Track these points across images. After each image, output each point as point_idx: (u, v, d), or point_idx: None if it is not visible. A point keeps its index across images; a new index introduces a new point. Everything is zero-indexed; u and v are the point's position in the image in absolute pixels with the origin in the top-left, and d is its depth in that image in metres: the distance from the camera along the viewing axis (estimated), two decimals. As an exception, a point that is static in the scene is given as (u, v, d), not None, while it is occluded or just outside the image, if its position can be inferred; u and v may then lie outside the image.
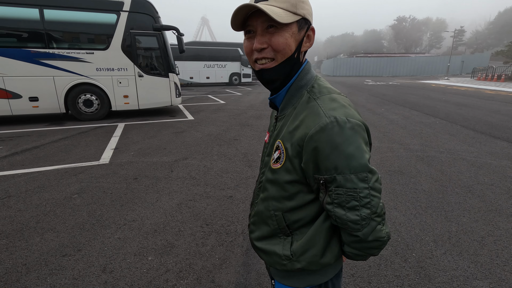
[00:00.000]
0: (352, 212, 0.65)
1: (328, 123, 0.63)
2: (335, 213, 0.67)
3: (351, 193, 0.64)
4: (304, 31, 0.72)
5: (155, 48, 7.57)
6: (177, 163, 4.10)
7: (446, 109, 8.95)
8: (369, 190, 0.64)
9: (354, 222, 0.65)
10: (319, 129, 0.64)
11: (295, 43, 0.71)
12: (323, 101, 0.69)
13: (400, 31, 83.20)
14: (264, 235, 0.82)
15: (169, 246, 2.22)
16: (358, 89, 16.91)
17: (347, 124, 0.64)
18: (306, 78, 0.76)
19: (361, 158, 0.63)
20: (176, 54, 8.43)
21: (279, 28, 0.68)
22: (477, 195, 3.04)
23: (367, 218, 0.65)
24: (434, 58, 44.98)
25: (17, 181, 3.44)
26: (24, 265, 2.00)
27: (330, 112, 0.65)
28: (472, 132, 5.81)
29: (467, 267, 1.97)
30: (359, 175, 0.63)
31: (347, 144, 0.63)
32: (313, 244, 0.74)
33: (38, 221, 2.56)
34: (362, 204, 0.64)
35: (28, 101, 6.70)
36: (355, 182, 0.63)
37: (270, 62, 0.71)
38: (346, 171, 0.63)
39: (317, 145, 0.64)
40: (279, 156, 0.74)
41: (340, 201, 0.65)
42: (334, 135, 0.63)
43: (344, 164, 0.63)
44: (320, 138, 0.64)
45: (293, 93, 0.76)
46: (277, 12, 0.65)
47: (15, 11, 6.33)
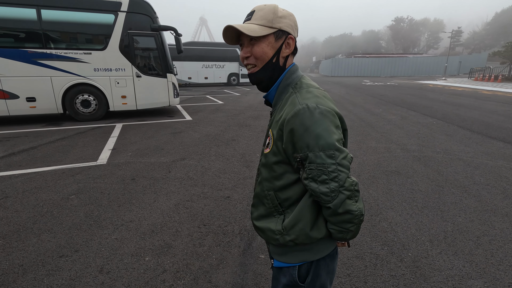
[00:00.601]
0: (323, 185, 0.74)
1: (301, 109, 0.77)
2: (310, 187, 0.76)
3: (320, 168, 0.74)
4: (282, 40, 0.87)
5: (153, 49, 7.56)
6: (175, 163, 4.10)
7: (443, 109, 9.00)
8: (336, 165, 0.74)
9: (325, 194, 0.74)
10: (293, 114, 0.77)
11: (272, 50, 0.87)
12: (300, 93, 0.83)
13: (398, 31, 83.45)
14: (261, 214, 0.93)
15: (166, 247, 2.22)
16: (356, 90, 16.96)
17: (316, 110, 0.76)
18: (292, 78, 0.90)
19: (328, 138, 0.74)
20: (174, 54, 8.42)
21: (258, 40, 0.86)
22: (473, 195, 3.06)
23: (336, 190, 0.74)
24: (431, 59, 45.18)
25: (14, 182, 3.43)
26: (21, 266, 2.00)
27: (303, 101, 0.78)
28: (469, 133, 5.84)
29: (462, 267, 1.98)
30: (327, 152, 0.74)
31: (316, 126, 0.74)
32: (301, 218, 0.83)
33: (35, 222, 2.56)
34: (331, 178, 0.74)
35: (25, 101, 6.68)
36: (323, 158, 0.73)
37: (253, 68, 0.89)
38: (315, 149, 0.74)
39: (292, 127, 0.77)
40: (269, 142, 0.88)
41: (313, 175, 0.75)
42: (305, 119, 0.75)
43: (314, 143, 0.74)
44: (295, 121, 0.76)
45: (282, 90, 0.90)
46: (252, 29, 0.83)
47: (12, 11, 6.31)
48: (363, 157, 4.33)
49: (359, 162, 4.10)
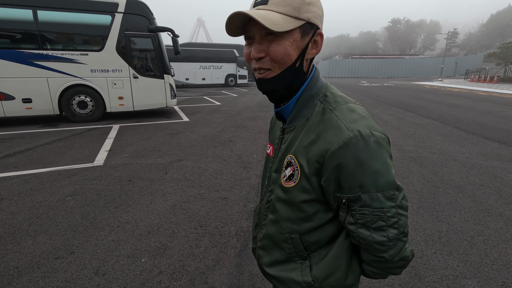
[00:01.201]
0: (378, 233, 0.61)
1: (352, 137, 0.58)
2: (359, 234, 0.62)
3: (377, 213, 0.60)
4: (310, 37, 0.65)
5: (150, 50, 7.55)
6: (172, 164, 4.09)
7: (439, 110, 9.06)
8: (397, 209, 0.60)
9: (380, 243, 0.61)
10: (343, 144, 0.59)
11: (296, 51, 0.64)
12: (341, 112, 0.64)
13: (394, 33, 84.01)
14: (277, 260, 0.75)
15: (162, 248, 2.22)
16: (353, 90, 17.03)
17: (371, 138, 0.59)
18: (317, 87, 0.70)
19: (388, 175, 0.59)
20: (172, 55, 8.43)
21: (278, 36, 0.62)
22: (468, 195, 3.09)
23: (395, 239, 0.61)
24: (428, 60, 45.50)
25: (10, 184, 3.41)
26: (16, 268, 1.99)
27: (352, 125, 0.60)
28: (464, 133, 5.89)
29: (456, 266, 2.00)
30: (386, 193, 0.59)
31: (373, 159, 0.58)
32: (337, 267, 0.70)
33: (31, 224, 2.55)
34: (389, 224, 0.60)
35: (21, 102, 6.65)
36: (382, 201, 0.59)
37: (267, 72, 0.66)
38: (372, 189, 0.59)
39: (340, 162, 0.59)
40: (292, 173, 0.68)
41: (365, 221, 0.61)
42: (359, 151, 0.58)
43: (370, 182, 0.58)
44: (344, 154, 0.58)
45: (304, 103, 0.70)
46: (273, 19, 0.59)
47: (8, 12, 6.28)
48: (359, 158, 4.34)
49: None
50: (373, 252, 0.64)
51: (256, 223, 0.86)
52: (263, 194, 0.82)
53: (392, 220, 0.60)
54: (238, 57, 20.85)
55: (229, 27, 0.64)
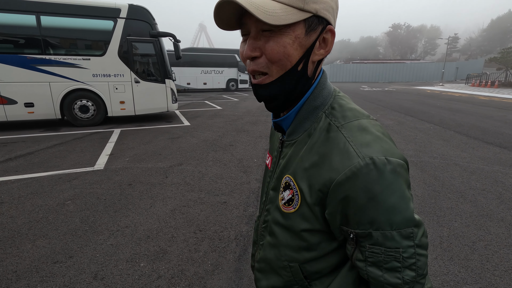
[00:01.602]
0: (392, 274, 0.51)
1: (363, 167, 0.48)
2: (369, 273, 0.53)
3: (391, 253, 0.50)
4: (317, 34, 0.54)
5: (152, 55, 7.61)
6: (172, 169, 4.10)
7: (440, 114, 9.05)
8: (415, 248, 0.50)
9: (393, 285, 0.51)
10: (351, 175, 0.49)
11: (299, 50, 0.53)
12: (350, 132, 0.53)
13: (395, 38, 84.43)
14: (275, 286, 0.68)
15: (161, 252, 2.22)
16: (354, 95, 17.06)
17: (387, 167, 0.48)
18: (322, 96, 0.59)
19: (406, 210, 0.49)
20: (173, 60, 8.48)
21: (276, 32, 0.51)
22: (469, 200, 3.07)
23: (411, 281, 0.51)
24: (429, 65, 45.61)
25: (10, 187, 3.42)
26: (14, 272, 1.99)
27: (364, 150, 0.49)
28: (465, 138, 5.88)
29: (457, 272, 1.98)
30: (403, 231, 0.49)
31: (388, 193, 0.48)
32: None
33: (30, 228, 2.54)
34: (406, 265, 0.50)
35: (23, 107, 6.69)
36: (398, 240, 0.49)
37: (263, 77, 0.55)
38: (386, 227, 0.49)
39: (347, 194, 0.50)
40: (292, 198, 0.59)
41: (376, 260, 0.51)
42: (371, 183, 0.48)
43: (384, 219, 0.49)
44: (353, 186, 0.49)
45: (306, 115, 0.59)
46: (269, 9, 0.48)
47: (12, 17, 6.36)
48: (360, 162, 4.34)
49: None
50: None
51: (255, 240, 0.79)
52: (260, 210, 0.74)
53: (410, 261, 0.50)
54: (239, 62, 20.96)
55: (218, 17, 0.52)
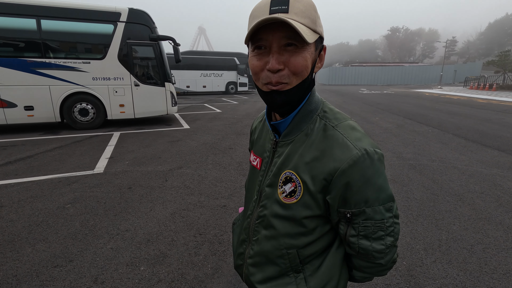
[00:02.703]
0: (378, 242, 0.65)
1: (360, 156, 0.61)
2: (360, 245, 0.66)
3: (378, 225, 0.64)
4: (319, 51, 0.66)
5: (152, 58, 7.64)
6: (172, 172, 4.11)
7: (439, 117, 9.10)
8: (393, 218, 0.65)
9: (379, 251, 0.66)
10: (352, 163, 0.61)
11: (311, 64, 0.63)
12: (344, 130, 0.65)
13: (393, 41, 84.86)
14: (270, 277, 0.75)
15: (161, 256, 2.22)
16: (353, 98, 17.12)
17: (375, 156, 0.62)
18: (315, 102, 0.70)
19: (387, 189, 0.64)
20: (173, 63, 8.52)
21: (300, 48, 0.60)
22: (468, 203, 3.08)
23: (391, 245, 0.66)
24: (427, 68, 45.83)
25: (10, 191, 3.42)
26: (14, 276, 1.99)
27: (358, 144, 0.62)
28: (464, 141, 5.91)
29: (456, 275, 1.99)
30: (386, 205, 0.64)
31: (377, 176, 0.62)
32: (331, 276, 0.72)
33: (30, 232, 2.55)
34: (387, 233, 0.65)
35: (23, 110, 6.70)
36: (383, 213, 0.63)
37: (283, 85, 0.63)
38: (375, 203, 0.63)
39: (349, 180, 0.61)
40: (294, 189, 0.67)
41: (367, 233, 0.65)
42: (366, 168, 0.61)
43: (375, 197, 0.62)
44: (353, 172, 0.61)
45: (302, 118, 0.69)
46: (303, 29, 0.57)
47: (12, 21, 6.39)
48: (359, 166, 4.35)
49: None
50: (370, 260, 0.68)
51: (243, 238, 0.82)
52: (252, 208, 0.79)
53: (390, 229, 0.65)
54: (238, 65, 21.04)
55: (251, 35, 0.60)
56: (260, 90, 0.67)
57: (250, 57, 0.65)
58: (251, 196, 0.81)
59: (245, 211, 0.85)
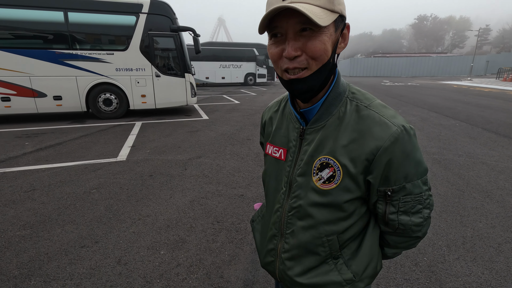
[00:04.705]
0: (416, 215, 0.66)
1: (400, 133, 0.61)
2: (400, 221, 0.67)
3: (418, 198, 0.65)
4: (340, 30, 0.62)
5: (172, 49, 7.74)
6: (191, 161, 4.19)
7: (467, 111, 8.63)
8: (428, 190, 0.67)
9: (418, 224, 0.67)
10: (394, 140, 0.61)
11: (332, 46, 0.61)
12: (378, 109, 0.65)
13: (420, 30, 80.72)
14: (310, 267, 0.73)
15: (180, 242, 2.29)
16: (375, 90, 16.57)
17: (411, 131, 0.63)
18: (343, 84, 0.69)
19: (424, 162, 0.65)
20: (192, 54, 8.59)
21: (316, 31, 0.57)
22: (496, 201, 2.93)
23: (428, 217, 0.68)
24: (456, 58, 43.37)
25: (41, 176, 3.63)
26: (46, 254, 2.13)
27: (395, 121, 0.62)
28: (494, 135, 5.58)
29: (481, 274, 1.92)
30: (423, 179, 0.65)
31: (415, 151, 0.63)
32: (372, 256, 0.73)
33: (60, 214, 2.70)
34: (424, 205, 0.66)
35: (52, 100, 7.04)
36: (421, 186, 0.65)
37: (303, 72, 0.60)
38: (414, 178, 0.64)
39: (391, 157, 0.61)
40: (333, 174, 0.65)
41: (407, 208, 0.66)
42: (406, 144, 0.62)
43: (414, 171, 0.63)
44: (395, 149, 0.61)
45: (331, 101, 0.67)
46: (316, 12, 0.55)
47: (41, 14, 6.66)
48: (379, 159, 4.24)
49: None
50: (407, 234, 0.69)
51: (273, 234, 0.79)
52: (281, 201, 0.76)
53: (427, 201, 0.67)
54: (257, 56, 20.89)
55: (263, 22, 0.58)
56: (280, 78, 0.65)
57: (268, 45, 0.64)
58: (277, 189, 0.77)
59: (270, 205, 0.81)
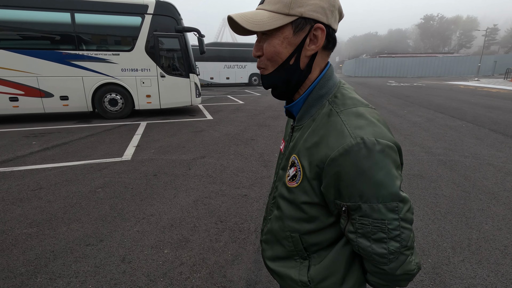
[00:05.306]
0: (378, 244, 0.58)
1: (354, 145, 0.55)
2: (359, 244, 0.61)
3: (378, 224, 0.57)
4: (306, 32, 0.61)
5: (177, 49, 7.79)
6: (195, 161, 4.21)
7: (474, 111, 8.52)
8: (400, 221, 0.57)
9: (380, 255, 0.59)
10: (343, 152, 0.56)
11: (289, 48, 0.62)
12: (347, 116, 0.60)
13: (427, 30, 79.94)
14: (278, 256, 0.76)
15: (184, 241, 2.31)
16: (380, 90, 16.46)
17: (376, 146, 0.55)
18: (328, 86, 0.67)
19: (392, 186, 0.55)
20: (197, 54, 8.63)
21: (268, 35, 0.63)
22: (503, 203, 2.89)
23: (396, 252, 0.58)
24: (463, 58, 42.82)
25: (48, 174, 3.68)
26: (52, 252, 2.16)
27: (356, 131, 0.56)
28: (502, 136, 5.50)
29: (486, 276, 1.89)
30: (388, 205, 0.56)
31: (376, 169, 0.55)
32: (333, 271, 0.68)
33: (66, 212, 2.74)
34: (391, 236, 0.57)
35: (59, 100, 7.13)
36: (383, 212, 0.56)
37: (262, 70, 0.68)
38: (373, 200, 0.56)
39: (339, 170, 0.56)
40: (295, 174, 0.67)
41: (365, 231, 0.59)
42: (360, 159, 0.55)
43: (371, 193, 0.55)
44: (344, 162, 0.56)
45: (312, 102, 0.67)
46: (256, 19, 0.60)
47: (49, 15, 6.76)
48: (384, 160, 4.21)
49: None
50: (373, 263, 0.62)
51: (264, 216, 0.87)
52: (271, 189, 0.84)
53: (394, 233, 0.57)
54: (262, 57, 20.88)
55: (232, 27, 0.64)
56: None
57: None
58: (274, 178, 0.85)
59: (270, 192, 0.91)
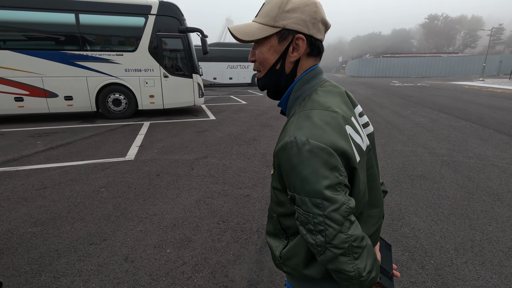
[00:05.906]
0: (310, 235, 0.63)
1: (288, 143, 0.63)
2: (300, 231, 0.67)
3: (306, 216, 0.62)
4: (289, 41, 0.71)
5: (180, 50, 7.81)
6: (198, 161, 4.22)
7: (479, 112, 8.45)
8: (324, 218, 0.60)
9: (311, 245, 0.64)
10: (281, 147, 0.64)
11: (275, 55, 0.73)
12: (299, 118, 0.67)
13: (431, 29, 79.41)
14: (270, 232, 0.85)
15: (186, 240, 2.32)
16: (383, 91, 16.39)
17: (305, 146, 0.60)
18: (303, 89, 0.75)
19: (316, 184, 0.60)
20: (200, 55, 8.65)
21: (258, 43, 0.74)
22: (507, 204, 2.87)
23: (321, 245, 0.62)
24: (468, 58, 42.48)
25: (52, 174, 3.72)
26: (56, 250, 2.18)
27: (295, 131, 0.64)
28: (507, 137, 5.46)
29: (489, 278, 1.88)
30: (313, 200, 0.60)
31: (302, 166, 0.61)
32: (296, 254, 0.74)
33: (69, 211, 2.77)
34: (317, 230, 0.62)
35: (63, 100, 7.19)
36: (309, 206, 0.61)
37: (257, 73, 0.80)
38: (301, 192, 0.62)
39: (280, 162, 0.66)
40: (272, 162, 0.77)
41: (301, 220, 0.65)
42: (291, 155, 0.62)
43: (300, 186, 0.62)
44: (282, 156, 0.64)
45: (292, 103, 0.77)
46: (247, 30, 0.72)
47: (53, 16, 6.82)
48: (387, 160, 4.20)
49: (382, 165, 3.98)
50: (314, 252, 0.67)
51: None
52: None
53: (319, 227, 0.61)
54: (265, 57, 20.88)
55: (232, 36, 0.75)
56: None
57: None
58: None
59: None
